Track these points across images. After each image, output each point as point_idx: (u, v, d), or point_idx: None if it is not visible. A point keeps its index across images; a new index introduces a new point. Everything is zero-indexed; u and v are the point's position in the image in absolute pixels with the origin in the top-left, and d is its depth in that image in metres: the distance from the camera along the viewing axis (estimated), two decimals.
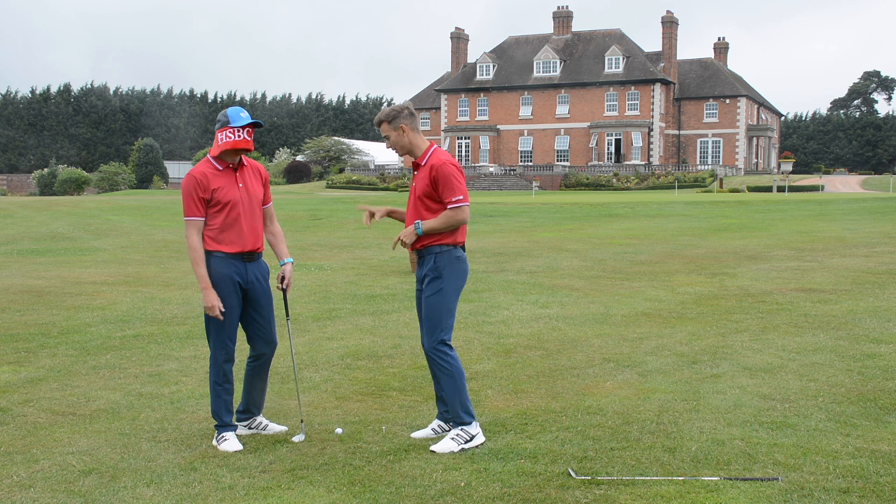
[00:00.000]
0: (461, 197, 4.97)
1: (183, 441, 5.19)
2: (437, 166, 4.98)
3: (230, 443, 5.05)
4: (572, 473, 4.46)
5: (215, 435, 5.14)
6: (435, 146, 5.15)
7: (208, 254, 5.06)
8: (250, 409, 5.39)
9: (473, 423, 5.01)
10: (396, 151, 5.18)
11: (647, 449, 4.87)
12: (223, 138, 5.02)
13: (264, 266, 5.29)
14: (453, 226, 4.99)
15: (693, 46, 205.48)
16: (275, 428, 5.42)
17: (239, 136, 5.01)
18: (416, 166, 5.16)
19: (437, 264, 5.04)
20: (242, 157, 5.20)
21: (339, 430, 5.29)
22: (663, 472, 4.50)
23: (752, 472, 4.48)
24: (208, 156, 5.14)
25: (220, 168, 5.08)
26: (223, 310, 5.04)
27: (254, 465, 4.73)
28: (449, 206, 4.96)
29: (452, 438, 4.95)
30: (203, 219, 5.02)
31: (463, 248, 5.15)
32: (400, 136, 5.11)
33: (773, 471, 4.48)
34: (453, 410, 5.01)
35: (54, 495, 4.30)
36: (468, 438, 4.94)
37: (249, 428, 5.41)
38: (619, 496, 4.17)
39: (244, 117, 5.06)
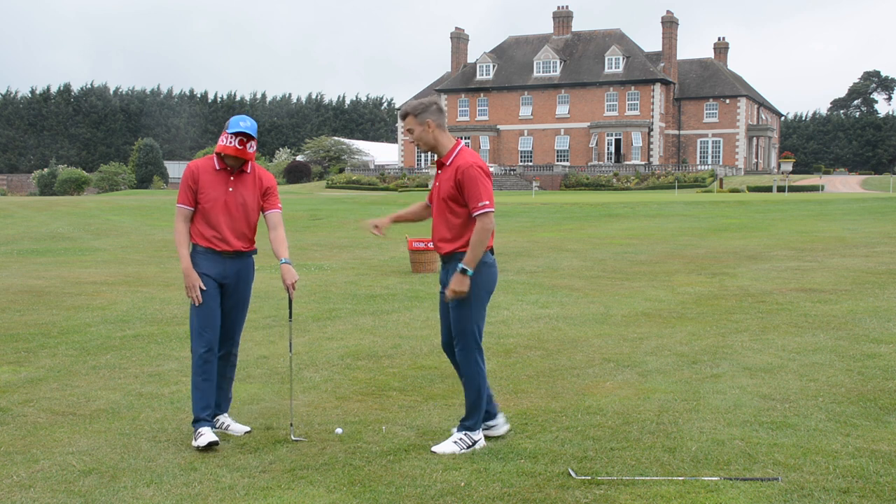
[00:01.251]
0: (486, 202, 4.73)
1: (183, 441, 5.19)
2: (464, 168, 4.78)
3: (204, 437, 4.99)
4: (572, 473, 4.46)
5: (193, 434, 5.11)
6: (462, 145, 4.93)
7: (191, 246, 5.22)
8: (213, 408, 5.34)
9: (479, 430, 4.98)
10: (419, 147, 5.01)
11: (647, 449, 4.87)
12: (220, 141, 5.20)
13: (248, 266, 5.32)
14: (485, 241, 4.74)
15: (693, 46, 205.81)
16: (237, 428, 5.37)
17: (228, 143, 5.12)
18: (440, 165, 4.97)
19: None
20: (251, 163, 5.28)
21: (339, 430, 5.28)
22: (663, 472, 4.50)
23: (752, 472, 4.48)
24: (214, 152, 5.29)
25: (218, 167, 5.20)
26: (203, 288, 5.09)
27: (254, 465, 4.73)
28: (474, 213, 4.75)
29: (455, 442, 4.90)
30: (191, 209, 5.18)
31: (492, 251, 4.96)
32: (425, 132, 4.91)
33: (773, 471, 4.48)
34: (468, 412, 4.96)
35: (54, 495, 4.30)
36: (470, 443, 4.90)
37: (213, 428, 5.33)
38: (619, 496, 4.17)
39: (241, 126, 5.10)
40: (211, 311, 5.15)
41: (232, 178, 5.18)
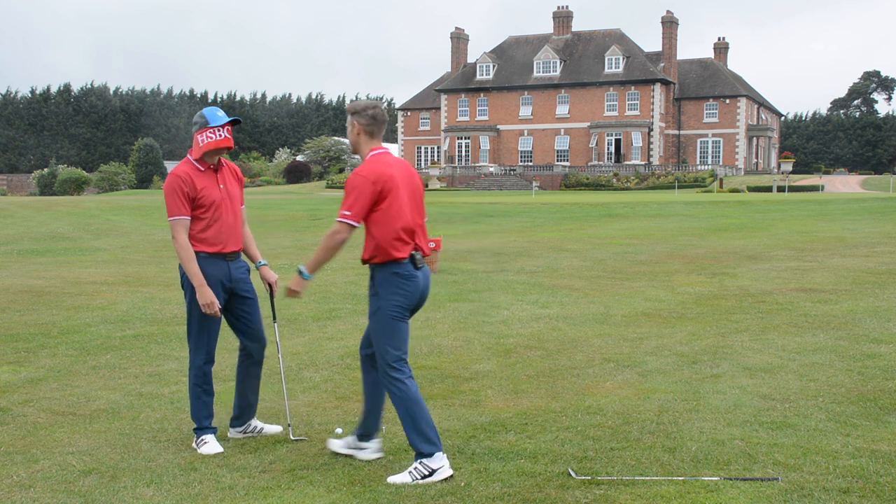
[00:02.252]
0: (347, 213, 4.51)
1: (183, 441, 5.19)
2: (350, 176, 4.59)
3: (210, 445, 5.01)
4: (572, 473, 4.47)
5: (194, 438, 5.10)
6: (375, 153, 4.69)
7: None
8: (244, 413, 5.32)
9: (436, 454, 4.46)
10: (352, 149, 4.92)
11: (647, 449, 4.87)
12: (204, 139, 5.04)
13: (245, 264, 5.30)
14: (330, 249, 4.56)
15: (693, 46, 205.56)
16: (270, 429, 5.39)
17: (220, 136, 5.03)
18: None
19: (374, 281, 4.66)
20: (220, 158, 5.22)
21: (339, 431, 5.28)
22: (663, 472, 4.50)
23: (752, 472, 4.48)
24: (189, 157, 5.13)
25: (202, 169, 5.09)
26: (220, 305, 5.04)
27: (254, 465, 4.74)
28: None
29: (409, 472, 4.49)
30: (189, 218, 5.00)
31: (411, 261, 4.61)
32: (350, 132, 4.75)
33: (773, 471, 4.48)
34: (408, 439, 4.58)
35: (54, 495, 4.30)
36: (427, 473, 4.44)
37: (245, 433, 5.34)
38: (619, 496, 4.17)
39: (222, 116, 5.07)
40: (216, 322, 5.12)
41: (218, 175, 5.13)
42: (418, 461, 4.51)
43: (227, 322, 5.27)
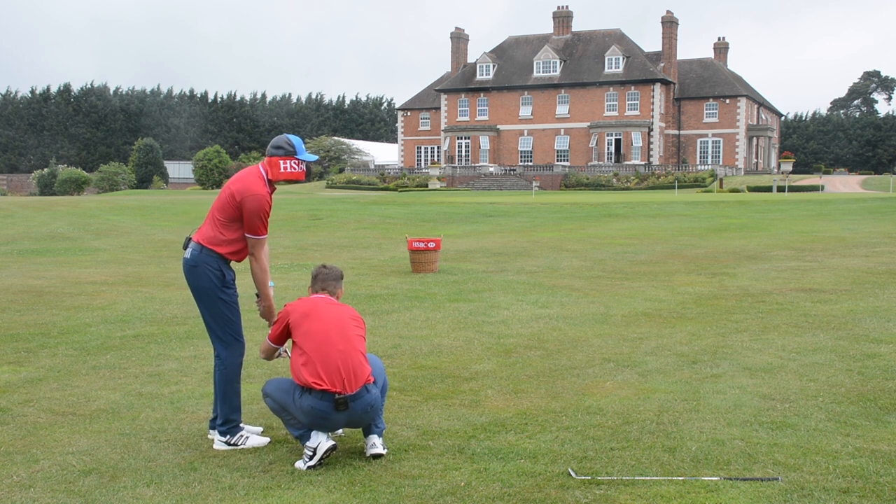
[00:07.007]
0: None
1: (183, 441, 5.19)
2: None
3: (254, 438, 5.12)
4: (572, 473, 4.47)
5: (227, 438, 5.06)
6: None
7: (219, 256, 5.13)
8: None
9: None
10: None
11: (647, 449, 4.87)
12: (288, 167, 5.12)
13: None
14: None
15: (693, 46, 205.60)
16: (255, 441, 5.18)
17: (300, 169, 5.18)
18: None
19: None
20: None
21: (339, 431, 5.29)
22: (663, 472, 4.50)
23: (752, 472, 4.48)
24: (266, 176, 5.13)
25: (270, 191, 5.18)
26: None
27: (254, 465, 4.74)
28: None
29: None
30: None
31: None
32: None
33: (773, 471, 4.48)
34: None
35: (54, 495, 4.30)
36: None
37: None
38: (619, 496, 4.17)
39: (306, 151, 5.23)
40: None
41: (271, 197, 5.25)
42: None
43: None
